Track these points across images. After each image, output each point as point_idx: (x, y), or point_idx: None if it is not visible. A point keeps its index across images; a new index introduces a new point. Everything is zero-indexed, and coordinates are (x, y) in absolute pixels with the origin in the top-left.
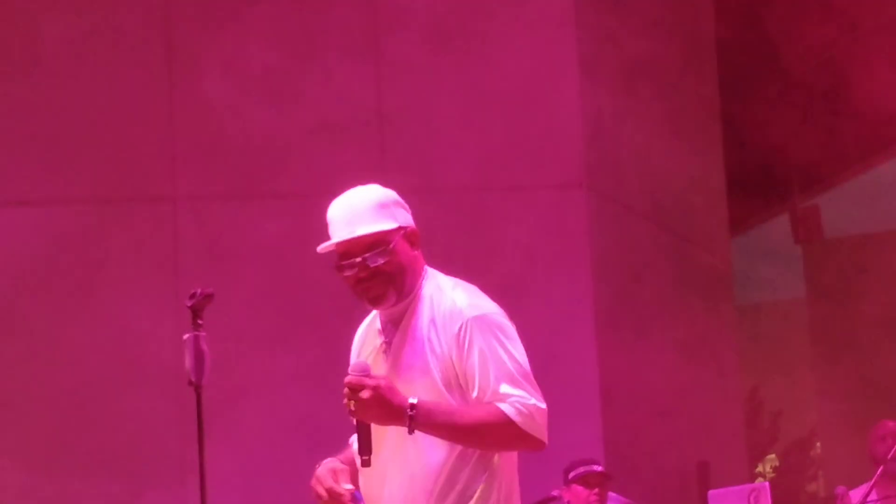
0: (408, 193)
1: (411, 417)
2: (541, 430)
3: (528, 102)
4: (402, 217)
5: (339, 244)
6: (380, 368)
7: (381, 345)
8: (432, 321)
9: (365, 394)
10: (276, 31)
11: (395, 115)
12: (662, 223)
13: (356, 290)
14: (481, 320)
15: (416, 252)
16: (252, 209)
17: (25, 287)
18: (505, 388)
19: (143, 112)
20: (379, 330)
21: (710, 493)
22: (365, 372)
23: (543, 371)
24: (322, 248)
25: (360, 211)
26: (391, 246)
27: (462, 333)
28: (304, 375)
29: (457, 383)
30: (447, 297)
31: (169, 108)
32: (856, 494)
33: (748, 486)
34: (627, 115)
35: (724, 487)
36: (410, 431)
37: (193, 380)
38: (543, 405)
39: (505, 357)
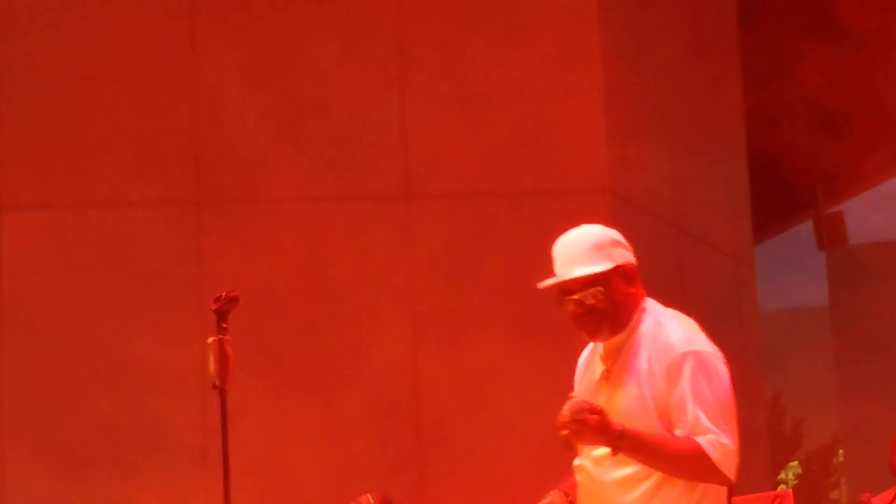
0: (429, 198)
1: (619, 441)
2: (731, 469)
3: (549, 106)
4: (618, 256)
5: (557, 283)
6: (601, 393)
7: (603, 372)
8: (650, 353)
9: (581, 424)
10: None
11: (419, 124)
12: (686, 229)
13: (574, 323)
14: (692, 357)
15: (632, 289)
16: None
17: (50, 289)
18: (705, 424)
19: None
20: (602, 357)
21: (733, 499)
22: (582, 412)
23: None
24: (543, 284)
25: (578, 251)
26: (605, 285)
27: (673, 367)
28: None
29: (666, 413)
30: (664, 331)
31: (194, 112)
32: (880, 501)
33: (771, 494)
34: (651, 120)
35: (747, 495)
36: (614, 453)
37: (218, 383)
38: (735, 447)
39: (709, 394)
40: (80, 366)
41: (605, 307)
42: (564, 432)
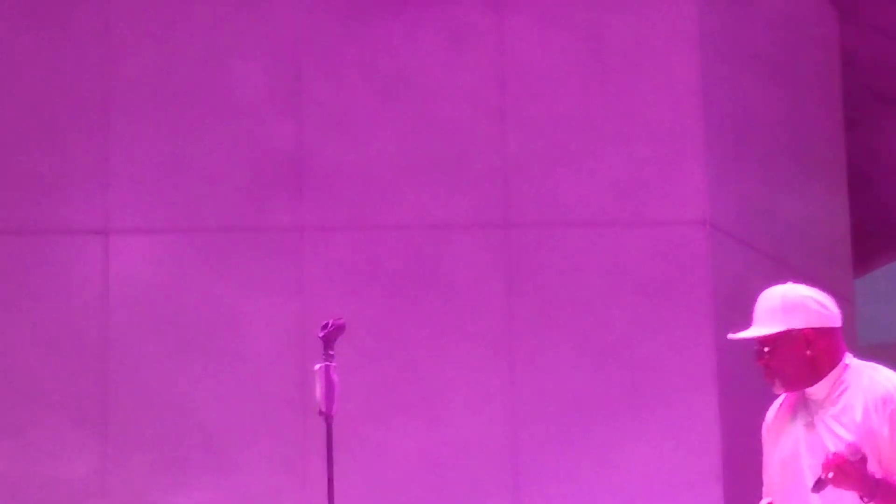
0: (528, 227)
1: (874, 488)
2: None
3: (651, 135)
4: (796, 321)
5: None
6: (803, 442)
7: (807, 423)
8: (866, 402)
9: (852, 467)
10: None
11: (520, 151)
12: (785, 262)
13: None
14: None
15: (812, 351)
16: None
17: (156, 314)
18: None
19: (270, 141)
20: (803, 409)
21: None
22: (858, 454)
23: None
24: (734, 336)
25: (760, 311)
26: (775, 346)
27: (895, 417)
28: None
29: (886, 457)
30: (877, 382)
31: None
32: None
33: None
34: (751, 152)
35: None
36: (866, 501)
37: (324, 409)
38: None
39: None
40: (177, 395)
41: (775, 365)
42: (830, 474)
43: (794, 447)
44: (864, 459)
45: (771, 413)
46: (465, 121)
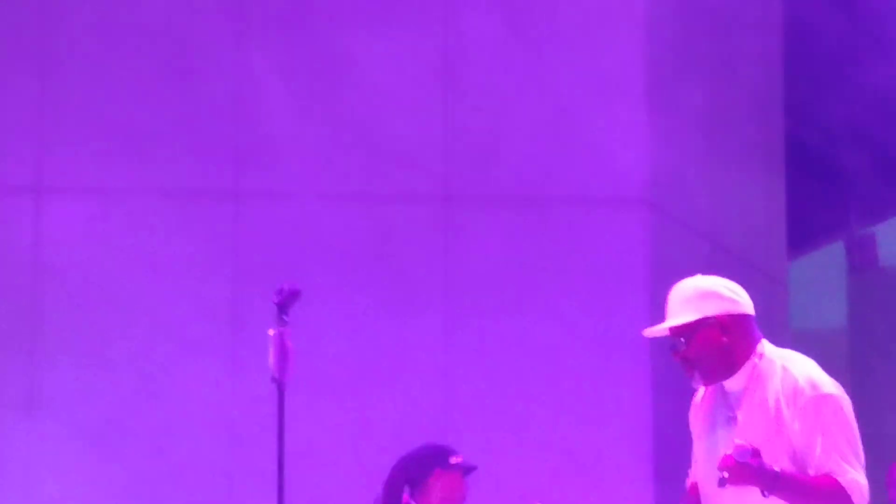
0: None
1: (774, 482)
2: None
3: (593, 115)
4: (710, 308)
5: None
6: (725, 435)
7: (727, 417)
8: (777, 396)
9: (744, 467)
10: None
11: (462, 126)
12: (721, 243)
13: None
14: (825, 400)
15: (727, 338)
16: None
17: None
18: (843, 466)
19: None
20: (722, 401)
21: None
22: (746, 455)
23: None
24: (650, 332)
25: (673, 303)
26: (691, 335)
27: (807, 410)
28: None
29: (795, 453)
30: (790, 374)
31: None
32: None
33: None
34: (691, 133)
35: None
36: (766, 494)
37: (277, 376)
38: (867, 486)
39: (842, 436)
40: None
41: (691, 356)
42: (725, 474)
43: (713, 442)
44: (756, 456)
45: (694, 405)
46: (407, 95)
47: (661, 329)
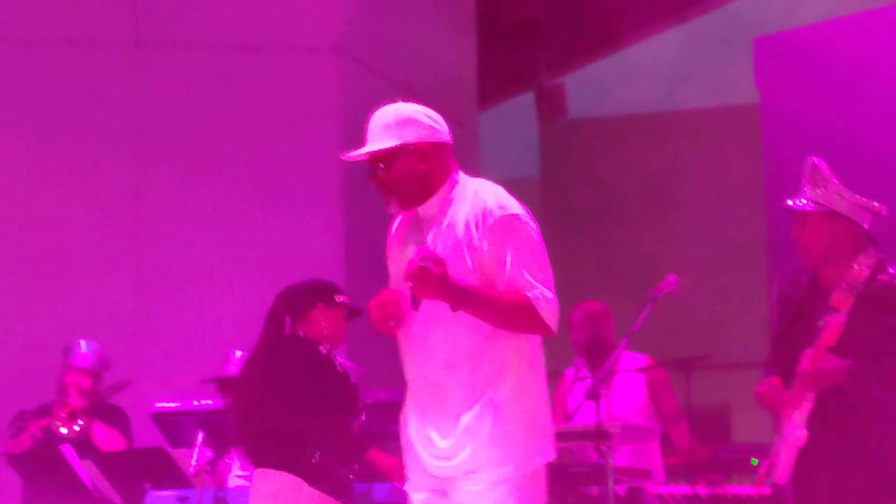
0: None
1: (462, 294)
2: (553, 320)
3: None
4: (409, 135)
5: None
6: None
7: (417, 241)
8: (467, 217)
9: (427, 273)
10: None
11: None
12: (414, 91)
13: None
14: (511, 219)
15: (425, 165)
16: None
17: None
18: (530, 280)
19: None
20: (418, 226)
21: None
22: (428, 260)
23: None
24: (349, 156)
25: (374, 129)
26: (390, 161)
27: (494, 229)
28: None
29: (486, 270)
30: (480, 197)
31: None
32: None
33: None
34: None
35: None
36: (455, 309)
37: None
38: (556, 299)
39: (529, 253)
40: None
41: (390, 182)
42: (409, 283)
43: (404, 265)
44: (439, 264)
45: (390, 234)
46: None
47: (360, 153)
